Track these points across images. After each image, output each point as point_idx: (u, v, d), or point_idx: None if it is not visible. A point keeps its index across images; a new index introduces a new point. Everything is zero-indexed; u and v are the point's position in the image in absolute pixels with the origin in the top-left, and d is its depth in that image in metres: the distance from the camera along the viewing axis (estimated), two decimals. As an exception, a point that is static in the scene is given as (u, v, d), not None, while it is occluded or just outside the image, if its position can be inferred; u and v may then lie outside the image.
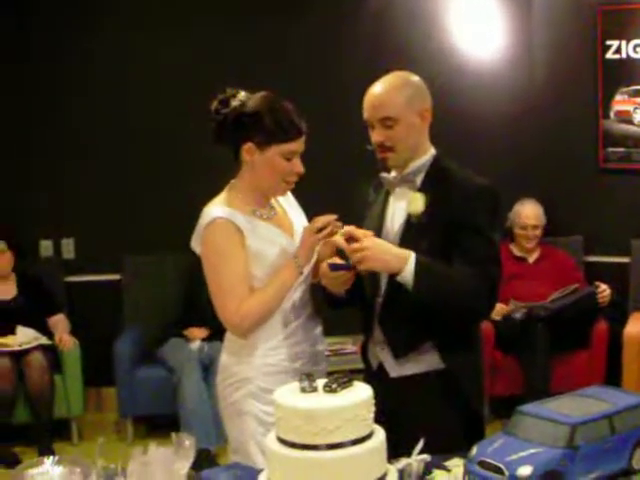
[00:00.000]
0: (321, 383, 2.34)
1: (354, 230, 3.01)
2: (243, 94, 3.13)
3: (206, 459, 5.35)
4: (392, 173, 3.17)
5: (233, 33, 6.48)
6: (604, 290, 5.93)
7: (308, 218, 3.23)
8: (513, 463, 2.28)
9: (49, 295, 6.38)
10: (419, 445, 2.53)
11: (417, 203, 3.04)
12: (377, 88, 3.10)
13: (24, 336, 6.03)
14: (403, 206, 3.10)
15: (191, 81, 6.00)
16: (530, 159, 6.53)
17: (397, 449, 2.46)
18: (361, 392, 2.31)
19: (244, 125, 3.07)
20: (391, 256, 2.92)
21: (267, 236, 3.10)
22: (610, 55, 6.30)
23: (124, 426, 6.17)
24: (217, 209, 3.08)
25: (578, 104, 6.48)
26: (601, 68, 6.33)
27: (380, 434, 2.31)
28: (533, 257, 6.39)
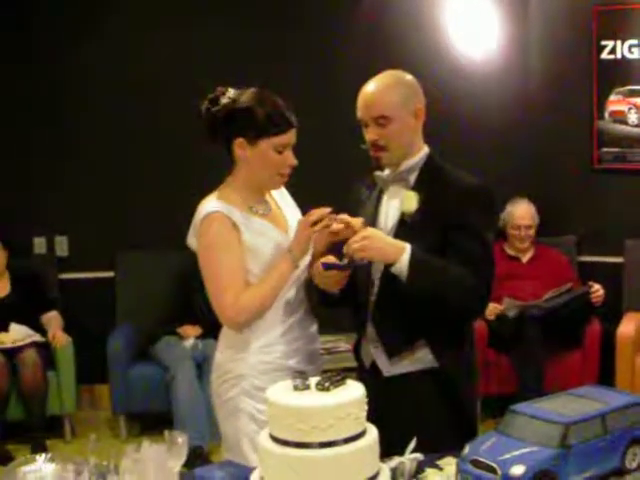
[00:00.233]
0: (314, 381, 2.34)
1: (348, 218, 3.02)
2: (232, 91, 3.14)
3: (199, 457, 5.35)
4: (386, 171, 3.17)
5: (233, 33, 6.47)
6: (597, 290, 5.93)
7: (303, 215, 3.22)
8: (506, 462, 2.28)
9: (42, 292, 6.37)
10: (412, 444, 2.53)
11: (410, 201, 3.04)
12: (371, 87, 3.10)
13: (17, 333, 6.02)
14: (396, 204, 3.10)
15: (190, 81, 5.98)
16: (525, 159, 6.54)
17: (390, 447, 2.46)
18: (354, 390, 2.31)
19: (235, 121, 3.08)
20: (389, 246, 2.93)
21: (262, 231, 3.11)
22: (605, 55, 6.30)
23: (117, 423, 6.17)
24: (213, 204, 3.09)
25: (573, 104, 6.48)
26: (596, 68, 6.34)
27: (373, 432, 2.31)
28: (527, 257, 6.39)
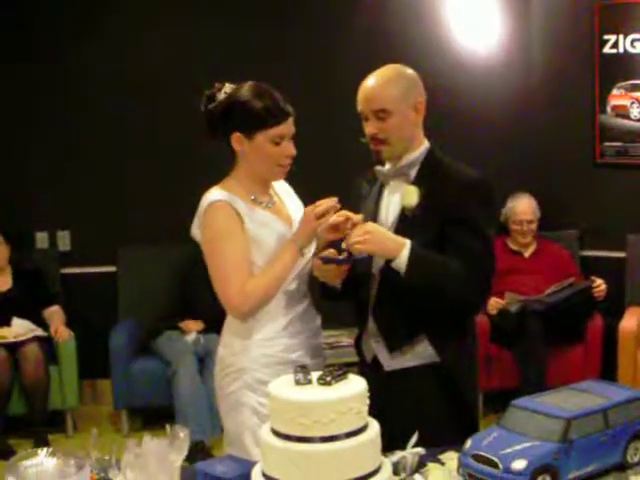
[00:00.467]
0: (315, 376, 2.34)
1: (349, 212, 3.02)
2: (229, 86, 3.16)
3: (201, 451, 5.36)
4: (386, 166, 3.17)
5: (233, 33, 6.46)
6: (600, 285, 5.93)
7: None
8: (507, 457, 2.29)
9: (45, 287, 6.37)
10: (413, 438, 2.53)
11: (411, 196, 3.04)
12: (371, 80, 3.09)
13: (19, 328, 6.02)
14: (397, 199, 3.10)
15: (190, 81, 5.99)
16: (526, 153, 6.54)
17: (391, 442, 2.46)
18: (355, 385, 2.31)
19: (232, 116, 3.10)
20: (389, 241, 2.94)
21: (265, 222, 3.11)
22: (607, 50, 6.29)
23: (119, 418, 6.18)
24: (217, 193, 3.10)
25: (575, 98, 6.47)
26: (598, 63, 6.33)
27: (374, 427, 2.30)
28: (529, 251, 6.39)
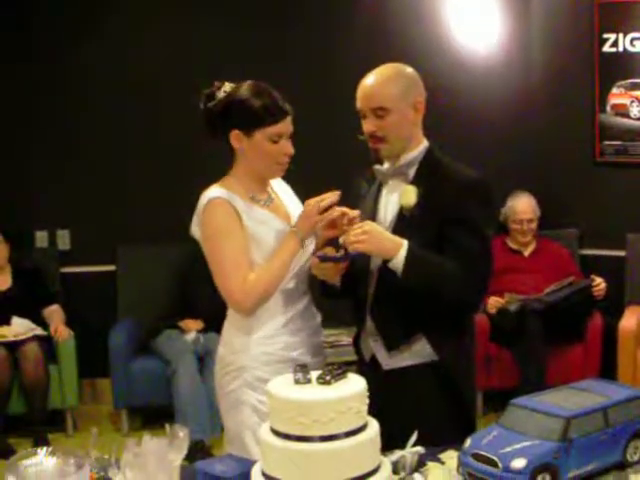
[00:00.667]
0: (315, 375, 2.34)
1: (345, 209, 3.04)
2: (228, 85, 3.17)
3: (200, 450, 5.36)
4: (385, 165, 3.17)
5: (233, 33, 6.46)
6: (599, 284, 5.93)
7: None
8: (507, 455, 2.29)
9: (44, 286, 6.37)
10: (413, 437, 2.53)
11: (409, 196, 3.04)
12: (370, 78, 3.10)
13: (19, 327, 6.02)
14: (396, 198, 3.10)
15: (190, 81, 6.00)
16: (527, 152, 6.53)
17: (390, 441, 2.46)
18: (355, 384, 2.31)
19: (232, 114, 3.11)
20: (387, 241, 2.94)
21: (263, 220, 3.12)
22: (607, 48, 6.29)
23: (119, 417, 6.17)
24: (215, 191, 3.11)
25: (574, 97, 6.47)
26: (598, 61, 6.33)
27: (374, 426, 2.30)
28: (529, 250, 6.38)
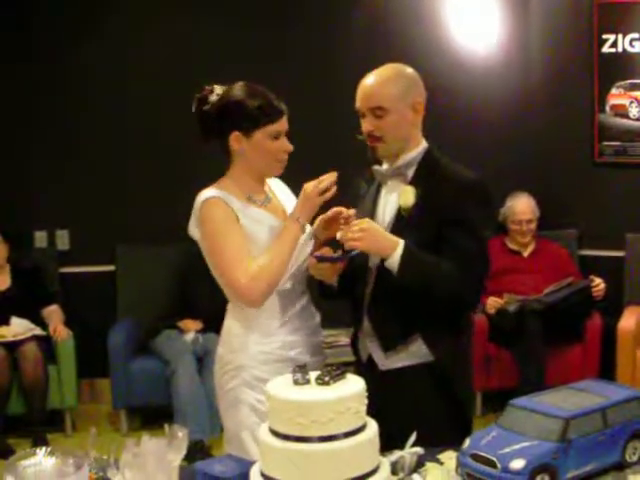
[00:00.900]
0: (314, 375, 2.34)
1: (343, 209, 3.06)
2: (219, 87, 3.18)
3: (200, 450, 5.36)
4: (384, 166, 3.18)
5: (233, 33, 6.46)
6: (598, 284, 5.93)
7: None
8: (506, 456, 2.29)
9: (43, 286, 6.37)
10: (412, 438, 2.53)
11: (407, 196, 3.05)
12: (370, 78, 3.11)
13: (18, 327, 6.02)
14: (394, 199, 3.11)
15: (190, 81, 6.02)
16: (526, 153, 6.53)
17: (389, 441, 2.46)
18: (353, 385, 2.31)
19: (228, 116, 3.11)
20: (384, 240, 2.95)
21: (260, 220, 3.12)
22: (606, 49, 6.29)
23: (118, 417, 6.17)
24: (211, 191, 3.12)
25: (574, 98, 6.47)
26: (597, 62, 6.33)
27: (373, 427, 2.30)
28: (528, 251, 6.38)
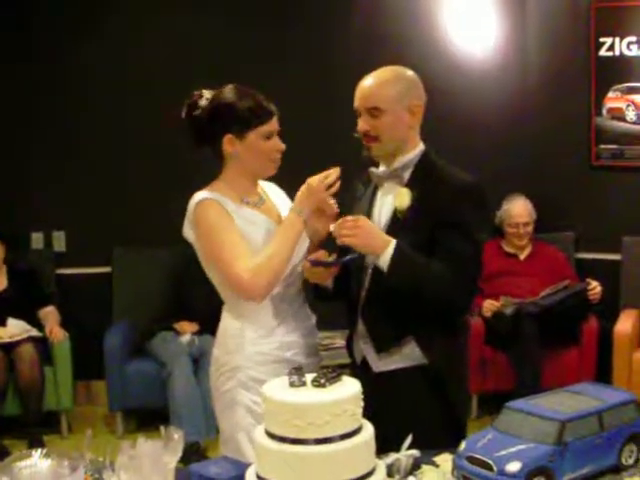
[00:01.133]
0: (310, 378, 2.34)
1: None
2: (208, 92, 3.19)
3: (195, 452, 5.35)
4: (380, 168, 3.19)
5: (233, 33, 6.47)
6: (595, 287, 5.93)
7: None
8: (502, 459, 2.28)
9: (40, 287, 6.36)
10: (407, 440, 2.53)
11: (403, 198, 3.05)
12: (369, 79, 3.13)
13: (14, 328, 6.01)
14: (390, 201, 3.11)
15: (191, 81, 6.02)
16: (523, 156, 6.52)
17: (383, 443, 2.45)
18: (349, 387, 2.31)
19: (220, 119, 3.12)
20: (377, 238, 2.97)
21: (254, 221, 3.13)
22: (603, 52, 6.29)
23: (114, 419, 6.16)
24: (204, 193, 3.13)
25: (571, 101, 6.47)
26: (594, 65, 6.34)
27: (369, 429, 2.30)
28: (524, 254, 6.38)
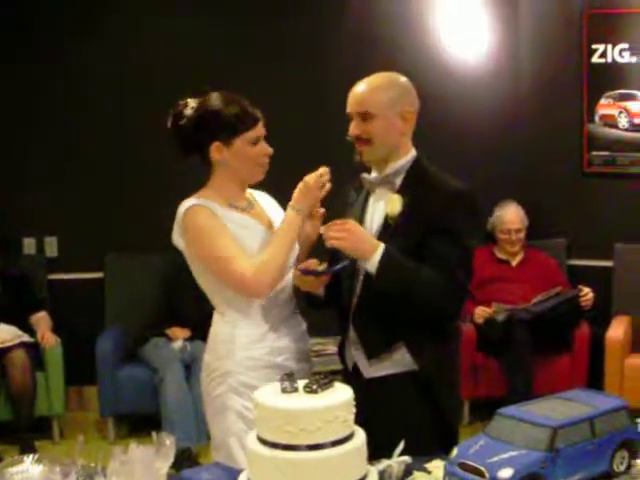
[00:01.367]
0: (302, 384, 2.34)
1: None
2: (192, 101, 3.21)
3: (187, 458, 5.35)
4: (372, 174, 3.19)
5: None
6: (587, 293, 5.93)
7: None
8: (494, 465, 2.28)
9: (31, 292, 6.35)
10: (399, 447, 2.53)
11: (394, 205, 3.06)
12: (362, 85, 3.14)
13: (6, 333, 5.99)
14: (382, 207, 3.12)
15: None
16: (515, 162, 6.53)
17: (375, 449, 2.45)
18: (342, 393, 2.31)
19: (206, 127, 3.14)
20: (366, 242, 2.98)
21: (244, 225, 3.14)
22: (596, 59, 6.31)
23: (105, 425, 6.15)
24: (192, 200, 3.14)
25: (563, 108, 6.48)
26: (586, 72, 6.35)
27: (360, 435, 2.30)
28: (516, 260, 6.39)
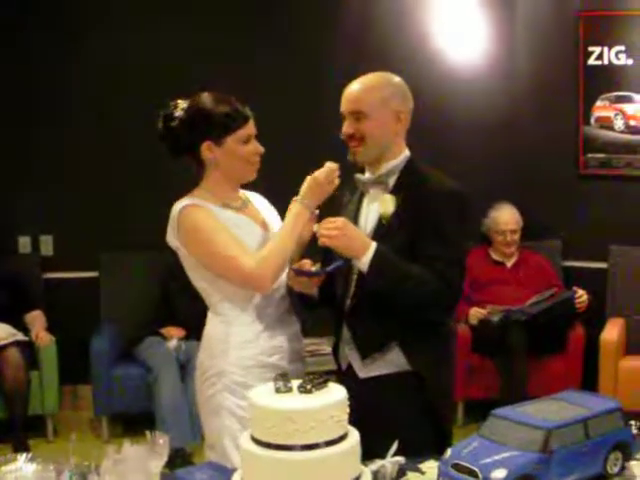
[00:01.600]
0: (296, 384, 2.34)
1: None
2: (183, 102, 3.20)
3: (181, 458, 5.34)
4: (366, 174, 3.20)
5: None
6: (582, 295, 5.94)
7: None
8: (487, 466, 2.28)
9: (26, 291, 6.33)
10: (393, 447, 2.53)
11: (387, 205, 3.07)
12: (356, 84, 3.15)
13: (0, 331, 5.99)
14: (376, 207, 3.12)
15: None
16: (510, 164, 6.53)
17: (369, 449, 2.46)
18: (336, 393, 2.31)
19: (197, 127, 3.13)
20: (358, 241, 2.98)
21: (238, 224, 3.14)
22: (592, 61, 6.31)
23: (99, 424, 6.14)
24: (185, 200, 3.14)
25: (559, 110, 6.49)
26: (582, 74, 6.35)
27: (354, 435, 2.31)
28: (511, 261, 6.39)
